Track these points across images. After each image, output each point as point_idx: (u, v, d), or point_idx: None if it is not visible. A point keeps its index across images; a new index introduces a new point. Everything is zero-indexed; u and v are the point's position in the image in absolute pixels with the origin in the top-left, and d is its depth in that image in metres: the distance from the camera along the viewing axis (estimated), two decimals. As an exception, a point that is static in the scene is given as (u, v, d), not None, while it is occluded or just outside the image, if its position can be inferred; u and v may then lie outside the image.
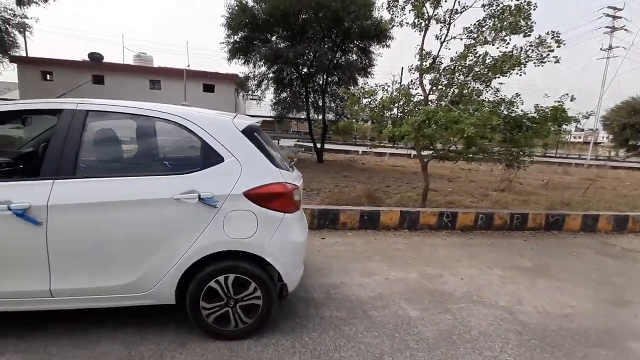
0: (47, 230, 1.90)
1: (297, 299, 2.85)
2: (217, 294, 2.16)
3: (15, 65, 12.64)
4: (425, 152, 6.72)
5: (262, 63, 14.75)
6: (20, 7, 8.81)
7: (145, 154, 2.34)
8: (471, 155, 6.00)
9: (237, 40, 14.13)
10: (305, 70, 14.90)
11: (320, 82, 15.79)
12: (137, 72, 14.60)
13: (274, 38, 14.72)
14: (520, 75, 5.13)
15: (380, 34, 13.12)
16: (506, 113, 5.51)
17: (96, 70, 13.92)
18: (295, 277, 2.34)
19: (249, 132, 2.30)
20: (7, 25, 9.98)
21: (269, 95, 16.72)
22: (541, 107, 5.30)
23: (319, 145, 15.82)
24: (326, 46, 14.52)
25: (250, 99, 15.92)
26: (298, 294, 2.92)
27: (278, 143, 24.94)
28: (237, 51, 14.20)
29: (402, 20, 5.71)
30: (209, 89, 15.13)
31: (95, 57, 13.86)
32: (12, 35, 10.13)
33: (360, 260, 3.84)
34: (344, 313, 2.69)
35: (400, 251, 4.23)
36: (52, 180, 1.94)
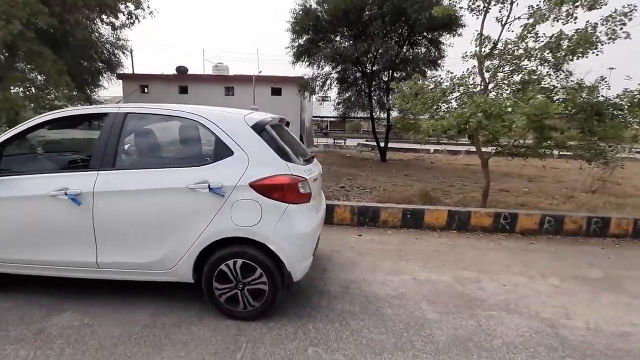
0: (93, 212, 2.32)
1: (313, 290, 2.92)
2: (227, 276, 2.36)
3: (121, 81, 15.24)
4: (489, 148, 6.17)
5: (326, 64, 15.05)
6: (114, 31, 10.54)
7: (169, 149, 2.67)
8: (543, 151, 5.32)
9: (302, 43, 14.65)
10: (369, 67, 14.74)
11: (385, 79, 15.46)
12: (214, 81, 16.20)
13: (337, 38, 14.94)
14: (597, 54, 4.36)
15: (450, 22, 12.35)
16: (586, 100, 4.74)
17: (181, 81, 15.90)
18: (300, 267, 2.41)
19: (259, 127, 2.45)
20: (113, 48, 12.06)
21: (333, 95, 17.04)
22: (630, 91, 4.43)
23: (382, 144, 15.50)
24: (393, 41, 14.21)
25: (323, 99, 16.38)
26: (315, 286, 2.99)
27: (344, 143, 25.22)
28: (301, 54, 14.72)
29: (453, 3, 5.32)
30: (276, 92, 16.01)
31: (181, 70, 15.82)
32: (117, 56, 12.24)
33: (392, 258, 3.73)
34: (356, 308, 2.67)
35: (439, 253, 3.98)
36: (97, 172, 2.35)
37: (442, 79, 5.49)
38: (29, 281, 2.67)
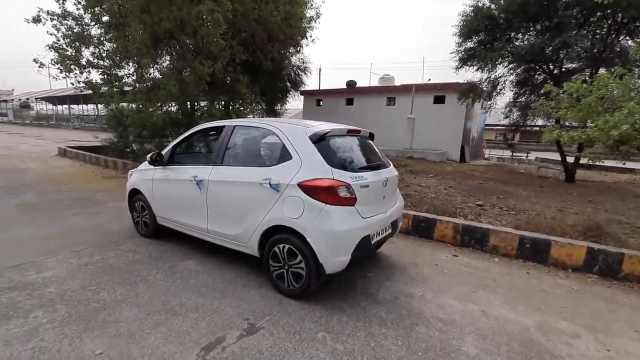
0: (207, 193, 3.36)
1: (361, 291, 3.09)
2: (278, 257, 2.92)
3: (302, 96, 18.39)
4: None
5: (498, 66, 13.40)
6: (286, 60, 12.98)
7: (253, 152, 3.44)
8: None
9: (470, 46, 13.58)
10: (559, 66, 12.14)
11: (584, 79, 12.31)
12: (377, 92, 17.11)
13: (518, 35, 13.06)
14: None
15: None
16: None
17: (348, 94, 17.65)
18: (333, 261, 2.68)
19: (317, 138, 2.89)
20: (298, 70, 14.87)
21: (505, 101, 14.85)
22: None
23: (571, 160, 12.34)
24: (603, 30, 11.23)
25: (489, 106, 14.71)
26: (367, 288, 3.14)
27: (526, 157, 21.34)
28: (468, 58, 13.65)
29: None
30: (439, 100, 15.37)
31: (350, 84, 17.55)
32: (300, 76, 15.01)
33: (472, 285, 3.34)
34: (390, 316, 2.69)
35: (546, 294, 3.23)
36: (212, 166, 3.38)
37: (607, 77, 4.21)
38: (180, 234, 4.03)
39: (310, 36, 12.26)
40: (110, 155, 10.08)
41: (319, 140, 2.90)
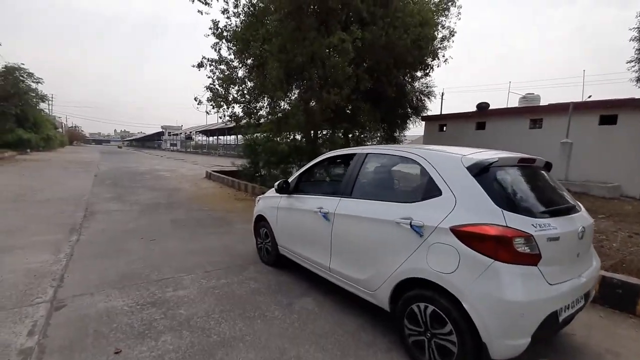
0: (332, 227, 2.98)
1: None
2: (417, 319, 2.25)
3: (423, 122, 17.28)
4: None
5: None
6: (413, 84, 12.24)
7: (389, 184, 2.88)
8: None
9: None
10: None
11: None
12: (517, 114, 14.63)
13: None
14: None
15: None
16: None
17: (479, 117, 15.69)
18: (502, 344, 1.87)
19: (476, 168, 2.19)
20: (421, 95, 14.06)
21: None
22: None
23: None
24: None
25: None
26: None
27: None
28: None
29: None
30: (608, 120, 12.12)
31: (482, 107, 15.59)
32: (423, 101, 14.13)
33: None
34: None
35: None
36: (340, 197, 3.00)
37: None
38: (299, 265, 3.73)
39: (443, 56, 11.47)
40: (242, 179, 11.20)
41: (482, 172, 2.18)
